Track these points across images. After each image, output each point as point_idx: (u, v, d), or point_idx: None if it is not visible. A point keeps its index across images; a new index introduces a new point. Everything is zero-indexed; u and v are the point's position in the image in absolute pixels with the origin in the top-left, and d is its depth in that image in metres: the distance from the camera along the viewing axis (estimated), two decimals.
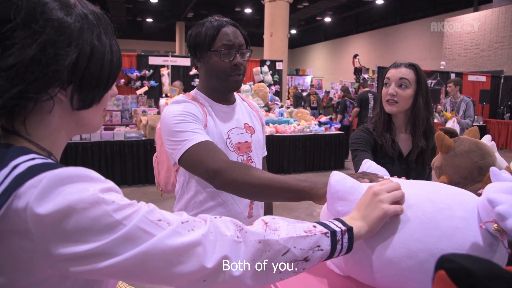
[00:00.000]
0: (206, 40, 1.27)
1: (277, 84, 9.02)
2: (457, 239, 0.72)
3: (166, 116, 1.25)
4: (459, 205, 0.76)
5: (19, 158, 0.55)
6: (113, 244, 0.53)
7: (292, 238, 0.65)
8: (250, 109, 1.52)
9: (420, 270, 0.74)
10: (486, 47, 13.15)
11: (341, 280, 0.93)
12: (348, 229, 0.71)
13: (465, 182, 1.07)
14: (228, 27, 1.30)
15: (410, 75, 1.57)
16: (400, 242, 0.76)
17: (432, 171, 1.63)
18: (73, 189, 0.53)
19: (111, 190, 0.57)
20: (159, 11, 21.99)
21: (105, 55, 0.64)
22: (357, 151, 1.54)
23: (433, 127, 1.61)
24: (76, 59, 0.59)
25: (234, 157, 1.35)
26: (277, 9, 11.19)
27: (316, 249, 0.67)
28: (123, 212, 0.55)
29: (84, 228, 0.52)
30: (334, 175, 0.84)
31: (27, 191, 0.51)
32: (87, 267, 0.53)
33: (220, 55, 1.27)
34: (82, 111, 0.65)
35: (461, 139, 1.13)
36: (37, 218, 0.50)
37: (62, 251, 0.52)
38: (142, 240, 0.55)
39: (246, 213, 1.41)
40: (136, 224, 0.55)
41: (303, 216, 4.59)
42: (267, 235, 0.64)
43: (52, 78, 0.57)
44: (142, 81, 7.69)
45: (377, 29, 21.19)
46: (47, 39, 0.56)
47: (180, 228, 0.58)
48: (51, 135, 0.64)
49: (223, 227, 0.63)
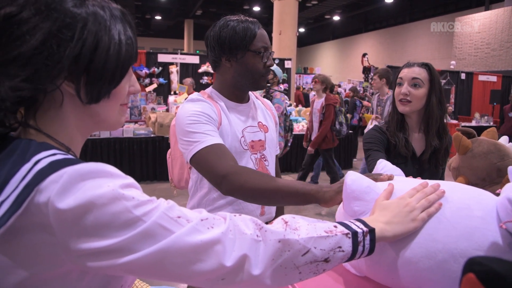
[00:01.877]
0: (245, 40, 1.28)
1: (286, 82, 9.00)
2: (476, 239, 0.72)
3: (180, 114, 1.26)
4: (478, 205, 0.75)
5: (41, 154, 0.55)
6: (132, 240, 0.54)
7: (312, 238, 0.64)
8: (263, 107, 1.53)
9: (439, 270, 0.74)
10: (497, 46, 12.99)
11: (357, 281, 0.93)
12: (370, 231, 0.70)
13: (483, 184, 1.06)
14: (262, 29, 1.34)
15: (423, 74, 1.56)
16: (418, 242, 0.76)
17: (445, 171, 1.62)
18: (94, 184, 0.53)
19: (131, 186, 0.57)
20: (167, 9, 22.03)
21: (112, 48, 0.62)
22: (370, 150, 1.54)
23: (446, 127, 1.60)
24: (80, 51, 0.59)
25: (248, 156, 1.36)
26: (286, 7, 11.15)
27: (337, 250, 0.66)
28: (143, 208, 0.55)
29: (104, 224, 0.53)
30: (350, 175, 0.83)
31: (49, 186, 0.51)
32: (106, 262, 0.54)
33: (260, 56, 1.31)
34: (94, 106, 0.64)
35: (479, 140, 1.12)
36: (58, 213, 0.51)
37: (82, 246, 0.52)
38: (161, 237, 0.55)
39: (258, 211, 1.41)
40: (155, 220, 0.55)
41: (311, 215, 4.58)
42: (287, 234, 0.63)
43: (55, 68, 0.57)
44: (151, 79, 7.72)
45: (386, 28, 21.03)
46: (50, 30, 0.57)
47: (200, 226, 0.58)
48: (67, 130, 0.64)
49: (243, 225, 0.62)
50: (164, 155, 5.83)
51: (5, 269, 0.54)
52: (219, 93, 1.38)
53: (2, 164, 0.54)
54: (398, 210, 0.76)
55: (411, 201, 0.77)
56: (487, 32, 13.27)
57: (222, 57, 1.32)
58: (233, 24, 1.30)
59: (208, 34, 1.35)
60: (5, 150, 0.56)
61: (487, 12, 13.81)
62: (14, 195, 0.51)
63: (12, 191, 0.51)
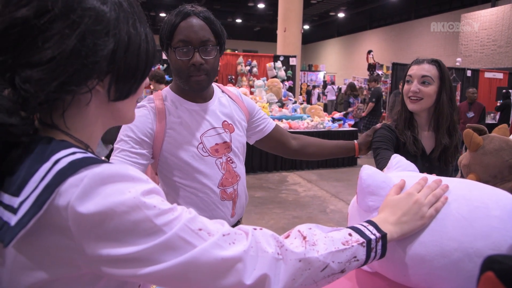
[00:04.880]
0: (166, 35, 1.17)
1: (290, 79, 8.98)
2: (493, 239, 0.71)
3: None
4: (496, 204, 0.74)
5: (60, 153, 0.54)
6: (153, 251, 0.53)
7: (331, 253, 0.64)
8: (231, 100, 1.39)
9: (454, 269, 0.73)
10: (503, 43, 12.88)
11: (368, 277, 0.92)
12: (382, 236, 0.70)
13: (494, 181, 1.05)
14: (190, 19, 1.15)
15: (433, 71, 1.53)
16: (433, 240, 0.75)
17: (454, 169, 1.60)
18: (114, 189, 0.52)
19: (153, 192, 0.56)
20: (172, 6, 21.72)
21: (141, 44, 0.62)
22: (379, 149, 1.52)
23: (456, 124, 1.58)
24: (114, 49, 0.58)
25: (212, 161, 1.26)
26: (290, 4, 11.12)
27: (352, 260, 0.67)
28: (164, 218, 0.54)
29: (124, 231, 0.52)
30: (366, 169, 0.82)
31: (69, 189, 0.51)
32: (126, 271, 0.53)
33: (175, 53, 1.17)
34: (118, 102, 0.64)
35: (490, 136, 1.11)
36: (77, 217, 0.50)
37: (99, 251, 0.52)
38: (183, 250, 0.54)
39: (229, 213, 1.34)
40: (176, 232, 0.54)
41: (316, 212, 4.57)
42: (307, 252, 0.63)
43: (92, 69, 0.56)
44: None
45: (391, 24, 20.91)
46: (85, 29, 0.54)
47: (222, 241, 0.57)
48: (87, 127, 0.62)
49: (264, 243, 0.61)
50: None
51: (24, 269, 0.54)
52: (175, 93, 1.28)
53: (21, 163, 0.53)
54: (408, 208, 0.75)
55: (419, 197, 0.77)
56: (493, 29, 13.15)
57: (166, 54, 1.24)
58: (170, 17, 1.18)
59: None
60: (24, 148, 0.55)
61: (493, 8, 13.69)
62: (34, 196, 0.50)
63: (32, 191, 0.50)
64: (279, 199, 5.09)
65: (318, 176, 6.36)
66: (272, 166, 6.54)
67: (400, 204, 0.77)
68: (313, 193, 5.41)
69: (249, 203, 4.65)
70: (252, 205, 4.66)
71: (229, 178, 1.30)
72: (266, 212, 4.54)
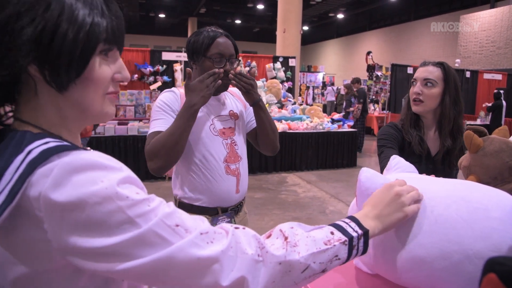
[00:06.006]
0: (203, 47, 1.48)
1: (290, 80, 8.98)
2: (493, 241, 0.71)
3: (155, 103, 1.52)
4: (496, 205, 0.74)
5: (34, 143, 0.54)
6: (128, 245, 0.52)
7: (312, 255, 0.63)
8: (232, 96, 1.71)
9: (454, 271, 0.73)
10: (502, 44, 12.89)
11: (369, 279, 0.92)
12: (364, 233, 0.70)
13: (495, 183, 1.05)
14: (222, 37, 1.50)
15: (437, 73, 1.54)
16: (433, 242, 0.75)
17: (458, 172, 1.61)
18: (86, 178, 0.51)
19: (127, 181, 0.55)
20: (171, 7, 22.03)
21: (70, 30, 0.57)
22: (383, 147, 1.53)
23: (461, 127, 1.58)
24: (40, 34, 0.56)
25: (219, 141, 1.55)
26: (290, 5, 11.11)
27: (334, 260, 0.66)
28: (137, 209, 0.53)
29: (96, 223, 0.51)
30: (364, 172, 0.83)
31: (40, 179, 0.51)
32: (100, 265, 0.52)
33: (212, 61, 1.48)
34: (71, 94, 0.61)
35: (490, 138, 1.11)
36: (49, 207, 0.50)
37: (73, 243, 0.51)
38: (159, 246, 0.53)
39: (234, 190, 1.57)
40: (152, 228, 0.53)
41: (315, 213, 4.57)
42: (288, 255, 0.62)
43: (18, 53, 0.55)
44: (155, 77, 7.71)
45: (391, 25, 20.93)
46: (9, 13, 0.55)
47: (199, 239, 0.56)
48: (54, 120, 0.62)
49: (245, 243, 0.60)
50: None
51: (7, 263, 0.54)
52: None
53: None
54: (389, 200, 0.75)
55: (400, 189, 0.76)
56: (492, 30, 13.17)
57: (191, 61, 1.56)
58: (199, 34, 1.51)
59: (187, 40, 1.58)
60: (1, 144, 0.55)
61: (492, 10, 13.71)
62: (8, 188, 0.50)
63: (7, 183, 0.50)
64: (279, 200, 5.09)
65: (318, 177, 6.36)
66: (271, 167, 6.54)
67: (381, 196, 0.76)
68: (312, 194, 5.41)
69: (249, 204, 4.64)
70: (252, 206, 4.66)
71: (232, 157, 1.57)
72: (266, 213, 4.54)
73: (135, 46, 13.92)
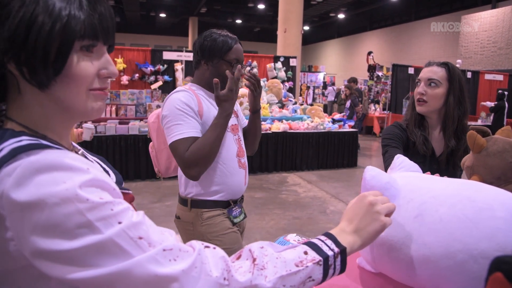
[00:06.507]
0: (222, 51, 1.54)
1: (291, 80, 8.98)
2: (498, 240, 0.71)
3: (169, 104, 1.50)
4: (501, 205, 0.74)
5: (9, 141, 0.54)
6: (85, 252, 0.50)
7: (281, 278, 0.60)
8: None
9: (458, 270, 0.73)
10: (504, 45, 12.88)
11: (372, 277, 0.92)
12: (341, 251, 0.66)
13: (498, 183, 1.05)
14: (238, 44, 1.59)
15: (441, 73, 1.54)
16: (438, 241, 0.75)
17: (462, 173, 1.61)
18: (49, 179, 0.50)
19: (92, 184, 0.53)
20: (172, 6, 22.03)
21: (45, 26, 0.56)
22: (388, 146, 1.53)
23: (466, 127, 1.58)
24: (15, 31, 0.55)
25: (231, 136, 1.62)
26: (291, 5, 11.11)
27: (307, 281, 0.63)
28: (98, 212, 0.51)
29: (55, 225, 0.49)
30: (370, 171, 0.83)
31: (3, 178, 0.50)
32: (55, 269, 0.51)
33: (231, 65, 1.56)
34: (53, 91, 0.60)
35: (494, 138, 1.11)
36: (10, 206, 0.50)
37: (32, 243, 0.50)
38: (117, 258, 0.51)
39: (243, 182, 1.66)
40: (112, 237, 0.51)
41: (316, 213, 4.57)
42: (254, 279, 0.59)
43: None
44: (156, 76, 7.72)
45: (392, 26, 20.92)
46: None
47: (160, 256, 0.54)
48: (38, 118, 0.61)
49: (211, 264, 0.58)
50: None
51: None
52: (202, 87, 1.63)
53: None
54: (364, 211, 0.72)
55: (372, 198, 0.73)
56: (494, 31, 13.16)
57: (202, 60, 1.59)
58: (215, 36, 1.56)
59: (195, 41, 1.62)
60: None
61: (493, 10, 13.70)
62: None
63: None
64: (279, 200, 5.09)
65: (318, 177, 6.36)
66: (272, 166, 6.54)
67: (355, 209, 0.73)
68: (313, 194, 5.41)
69: (249, 204, 4.64)
70: (253, 206, 4.66)
71: (241, 151, 1.67)
72: (267, 212, 4.54)
73: (136, 45, 13.94)
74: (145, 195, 5.03)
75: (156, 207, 4.63)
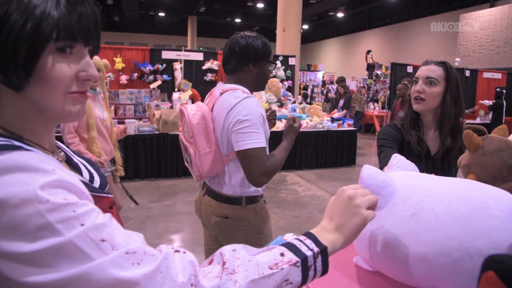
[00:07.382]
0: (269, 52, 1.66)
1: (290, 79, 8.98)
2: (493, 239, 0.72)
3: (250, 109, 1.52)
4: (496, 204, 0.75)
5: None
6: (45, 254, 0.49)
7: (253, 282, 0.57)
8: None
9: (454, 268, 0.74)
10: (502, 43, 12.89)
11: (369, 276, 0.93)
12: (322, 251, 0.63)
13: (494, 182, 1.06)
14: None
15: (439, 72, 1.55)
16: (434, 239, 0.76)
17: (458, 171, 1.61)
18: (12, 180, 0.49)
19: (56, 185, 0.52)
20: (171, 5, 21.99)
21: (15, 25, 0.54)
22: (383, 147, 1.54)
23: (461, 127, 1.60)
24: None
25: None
26: (290, 4, 11.10)
27: (284, 284, 0.60)
28: (58, 214, 0.50)
29: (16, 226, 0.48)
30: (366, 169, 0.83)
31: None
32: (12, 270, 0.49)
33: (271, 65, 1.70)
34: (27, 94, 0.58)
35: (490, 137, 1.11)
36: None
37: None
38: (77, 261, 0.49)
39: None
40: (72, 240, 0.50)
41: (315, 212, 4.58)
42: (222, 284, 0.56)
43: None
44: (155, 75, 7.72)
45: (390, 24, 20.92)
46: None
47: (122, 259, 0.51)
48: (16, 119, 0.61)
49: (178, 269, 0.55)
50: (168, 152, 5.85)
51: None
52: (245, 88, 1.66)
53: None
54: (343, 207, 0.69)
55: (351, 192, 0.70)
56: (492, 29, 13.17)
57: (249, 63, 1.62)
58: (256, 39, 1.64)
59: (231, 44, 1.62)
60: None
61: (492, 9, 13.71)
62: None
63: None
64: (279, 198, 5.10)
65: (317, 175, 6.37)
66: None
67: (334, 205, 0.71)
68: (312, 192, 5.41)
69: None
70: None
71: None
72: None
73: (135, 44, 13.94)
74: (144, 195, 5.03)
75: (155, 206, 4.63)
